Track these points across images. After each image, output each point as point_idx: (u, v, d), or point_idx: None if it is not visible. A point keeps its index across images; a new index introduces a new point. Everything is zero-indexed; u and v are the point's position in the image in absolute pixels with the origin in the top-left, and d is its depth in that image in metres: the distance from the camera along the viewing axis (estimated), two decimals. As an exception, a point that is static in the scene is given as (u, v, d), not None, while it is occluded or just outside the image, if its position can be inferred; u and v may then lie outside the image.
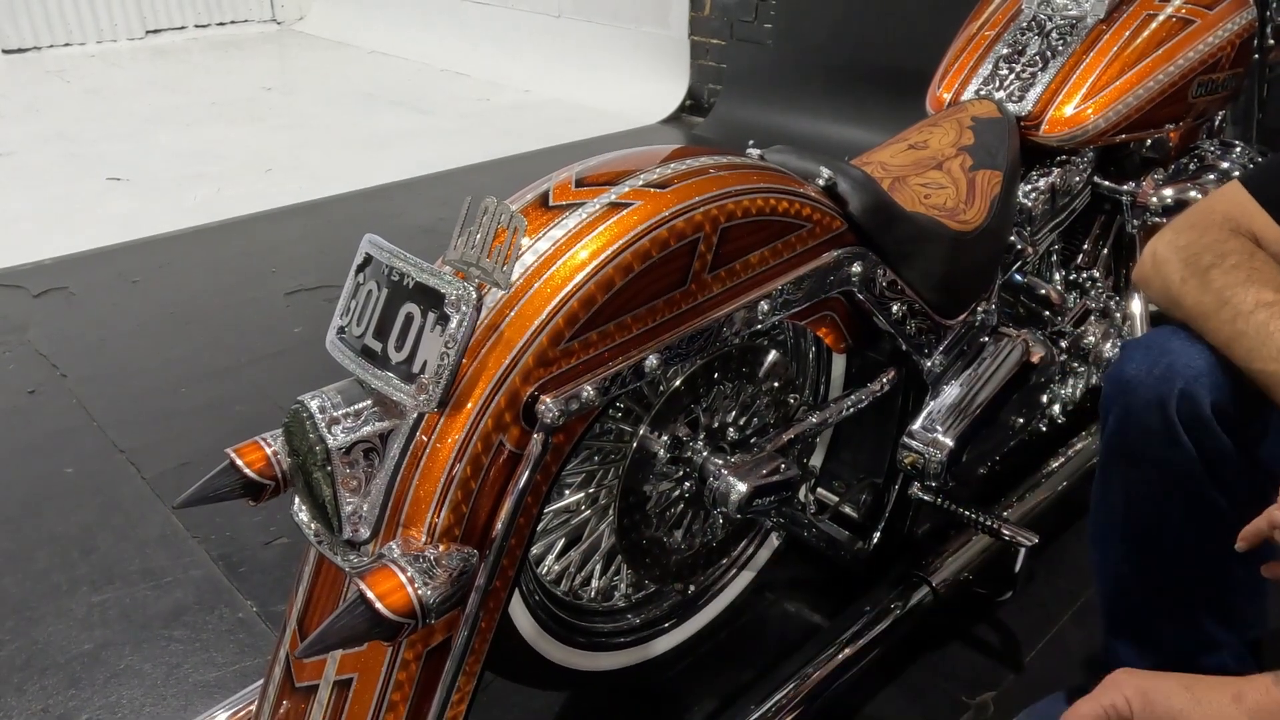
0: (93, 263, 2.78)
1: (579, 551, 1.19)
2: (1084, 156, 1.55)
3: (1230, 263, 0.97)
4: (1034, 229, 1.48)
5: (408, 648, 0.85)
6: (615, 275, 0.86)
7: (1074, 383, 1.62)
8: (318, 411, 0.81)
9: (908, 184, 1.32)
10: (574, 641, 1.16)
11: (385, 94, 4.69)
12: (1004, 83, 1.51)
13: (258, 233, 3.03)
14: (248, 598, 1.53)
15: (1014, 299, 1.55)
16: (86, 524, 1.70)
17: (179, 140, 3.92)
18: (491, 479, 0.84)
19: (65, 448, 1.92)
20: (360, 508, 0.83)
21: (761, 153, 1.14)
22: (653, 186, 0.92)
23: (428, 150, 3.77)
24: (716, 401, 1.13)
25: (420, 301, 0.80)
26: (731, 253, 0.96)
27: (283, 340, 2.35)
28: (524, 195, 0.94)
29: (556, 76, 4.74)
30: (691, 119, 4.23)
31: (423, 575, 0.77)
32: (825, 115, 3.66)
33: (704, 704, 1.31)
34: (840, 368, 1.30)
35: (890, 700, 1.32)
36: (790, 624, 1.46)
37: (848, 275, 1.10)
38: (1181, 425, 0.97)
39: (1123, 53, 1.49)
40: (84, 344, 2.34)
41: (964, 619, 1.44)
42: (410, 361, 0.80)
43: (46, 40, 5.59)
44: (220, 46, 5.80)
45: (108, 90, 4.76)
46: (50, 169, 3.57)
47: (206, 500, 0.91)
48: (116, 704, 1.34)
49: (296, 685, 0.91)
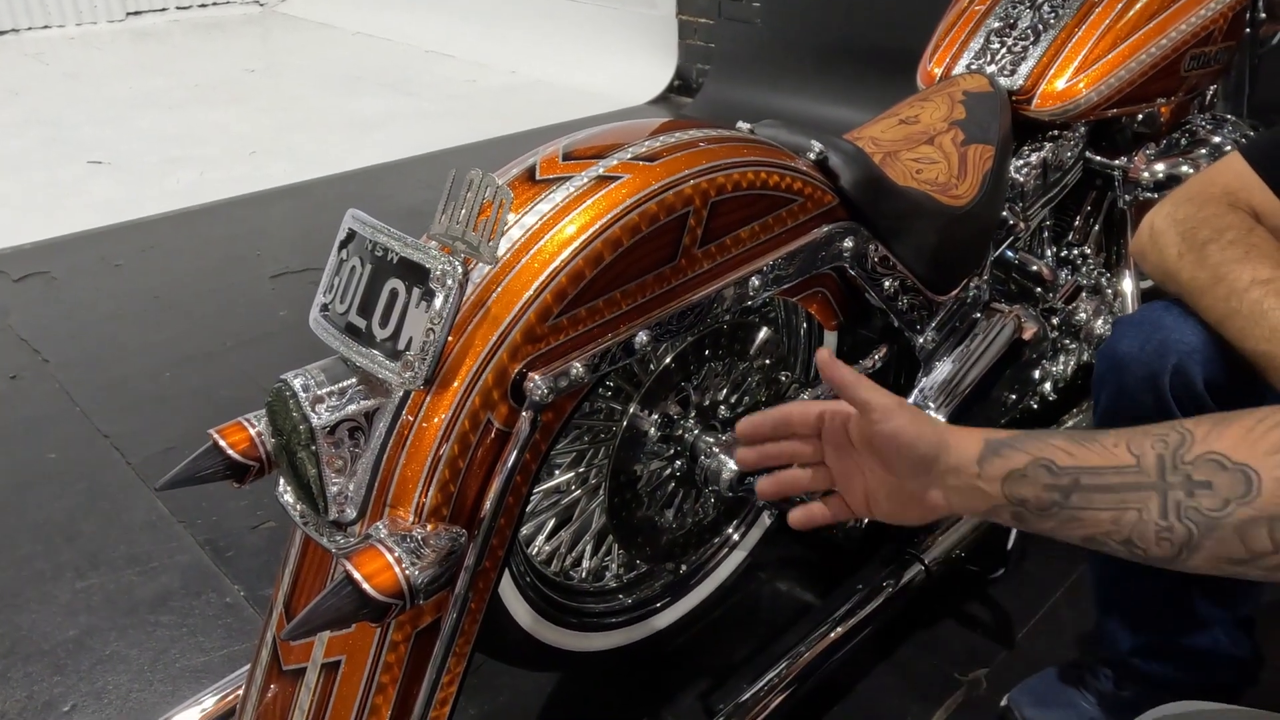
0: (74, 247, 2.75)
1: (570, 532, 1.18)
2: (1076, 131, 1.54)
3: (1228, 238, 0.95)
4: (1026, 204, 1.47)
5: (396, 629, 0.83)
6: (604, 250, 0.85)
7: (1065, 360, 1.62)
8: (301, 390, 0.79)
9: (899, 159, 1.31)
10: (565, 622, 1.15)
11: (370, 75, 4.64)
12: (995, 57, 1.50)
13: (242, 216, 2.99)
14: (235, 582, 1.51)
15: (1006, 275, 1.54)
16: (70, 510, 1.68)
17: (161, 123, 3.87)
18: (480, 458, 0.82)
19: (48, 433, 1.90)
20: (346, 488, 0.82)
21: (752, 127, 1.12)
22: (641, 160, 0.90)
23: (414, 132, 3.74)
24: (707, 379, 1.12)
25: (405, 277, 0.78)
26: (722, 227, 0.95)
27: (268, 324, 2.33)
28: (510, 169, 0.93)
29: (543, 57, 4.69)
30: (680, 99, 4.19)
31: (410, 555, 0.76)
32: (815, 95, 3.64)
33: (696, 683, 1.31)
34: (832, 344, 1.28)
35: (883, 677, 1.32)
36: (782, 603, 1.45)
37: (839, 250, 1.09)
38: (1175, 401, 0.97)
39: (1115, 26, 1.47)
40: (66, 329, 2.31)
41: (956, 597, 1.44)
42: (395, 338, 0.78)
43: (25, 23, 5.51)
44: (202, 28, 5.73)
45: (88, 73, 4.69)
46: (30, 153, 3.52)
47: (189, 482, 0.89)
48: (102, 690, 1.33)
49: (284, 668, 0.89)
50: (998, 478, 0.71)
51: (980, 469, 0.72)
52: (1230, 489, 0.64)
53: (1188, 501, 0.65)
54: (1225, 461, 0.65)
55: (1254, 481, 0.63)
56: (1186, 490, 0.65)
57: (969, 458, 0.73)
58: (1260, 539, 0.63)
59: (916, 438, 0.74)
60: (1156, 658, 1.13)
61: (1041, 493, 0.70)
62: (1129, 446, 0.68)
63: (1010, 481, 0.71)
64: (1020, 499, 0.71)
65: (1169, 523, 0.66)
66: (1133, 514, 0.67)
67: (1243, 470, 0.64)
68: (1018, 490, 0.71)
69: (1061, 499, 0.69)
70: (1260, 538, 0.63)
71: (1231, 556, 0.65)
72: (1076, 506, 0.69)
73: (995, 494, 0.72)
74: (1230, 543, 0.64)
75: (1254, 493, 0.63)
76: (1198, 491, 0.65)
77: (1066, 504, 0.69)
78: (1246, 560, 0.64)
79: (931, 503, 0.75)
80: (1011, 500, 0.71)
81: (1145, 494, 0.67)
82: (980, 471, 0.72)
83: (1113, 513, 0.67)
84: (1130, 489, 0.67)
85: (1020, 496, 0.71)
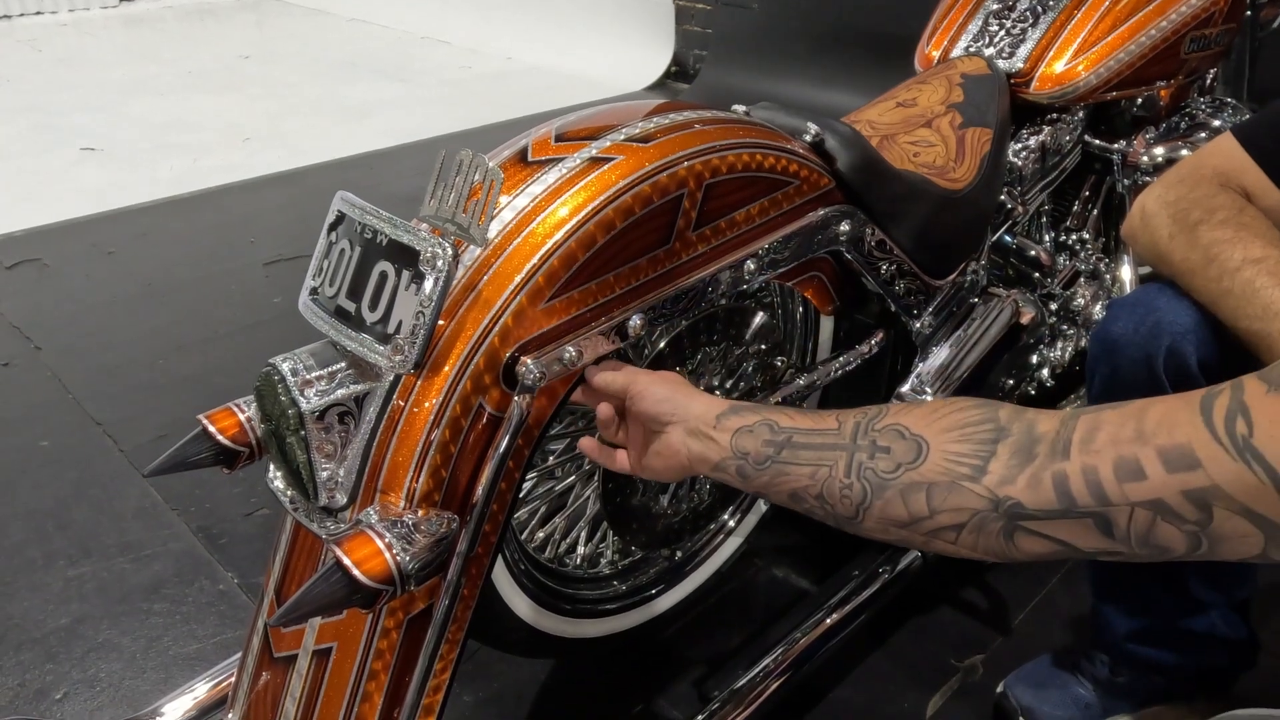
0: (66, 234, 2.73)
1: (564, 518, 1.17)
2: (1075, 114, 1.53)
3: (1218, 218, 0.95)
4: (1024, 188, 1.46)
5: (388, 616, 0.82)
6: (597, 232, 0.84)
7: (1063, 345, 1.61)
8: (290, 374, 0.78)
9: (896, 142, 1.29)
10: (560, 609, 1.15)
11: (365, 62, 4.61)
12: (994, 39, 1.48)
13: (235, 203, 2.97)
14: (228, 569, 1.50)
15: (1004, 260, 1.53)
16: (62, 497, 1.67)
17: (154, 110, 3.84)
18: (471, 443, 0.82)
19: (41, 421, 1.88)
20: (336, 473, 0.81)
21: (747, 109, 1.11)
22: (635, 141, 0.89)
23: (408, 119, 3.71)
24: (702, 364, 1.11)
25: (394, 260, 0.77)
26: (716, 210, 0.94)
27: (261, 311, 2.31)
28: (502, 151, 0.91)
29: (539, 43, 4.66)
30: (677, 85, 4.17)
31: (401, 541, 0.75)
32: (813, 80, 3.62)
33: (692, 669, 1.31)
34: (828, 329, 1.28)
35: (879, 663, 1.32)
36: (778, 589, 1.45)
37: (835, 234, 1.08)
38: (1168, 382, 0.96)
39: (1114, 8, 1.46)
40: (58, 316, 2.29)
41: (952, 583, 1.44)
42: (385, 322, 0.77)
43: (17, 9, 5.47)
44: (196, 14, 5.69)
45: (80, 60, 4.66)
46: (22, 139, 3.50)
47: (179, 468, 0.88)
48: (95, 677, 1.32)
49: (275, 655, 0.89)
50: (730, 430, 0.80)
51: (717, 422, 0.81)
52: (904, 455, 0.70)
53: (868, 463, 0.72)
54: (905, 431, 0.71)
55: (923, 450, 0.69)
56: (869, 453, 0.72)
57: (711, 413, 0.82)
58: (919, 502, 0.69)
59: (661, 393, 0.84)
60: (1152, 643, 1.13)
61: (761, 447, 0.77)
62: (838, 416, 0.76)
63: (739, 435, 0.79)
64: (744, 451, 0.78)
65: (850, 480, 0.72)
66: (824, 470, 0.74)
67: (917, 440, 0.70)
68: (743, 443, 0.79)
69: (774, 453, 0.77)
70: (919, 501, 0.69)
71: (895, 518, 0.70)
72: (785, 461, 0.76)
73: (725, 445, 0.80)
74: (895, 504, 0.70)
75: (921, 459, 0.69)
76: (878, 455, 0.71)
77: (778, 458, 0.76)
78: (908, 523, 0.70)
79: (675, 446, 0.83)
80: (736, 452, 0.79)
81: (838, 454, 0.73)
82: (716, 424, 0.81)
83: (810, 468, 0.74)
84: (828, 448, 0.74)
85: (744, 449, 0.78)
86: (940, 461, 0.68)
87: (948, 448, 0.68)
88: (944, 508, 0.68)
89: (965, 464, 0.67)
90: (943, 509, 0.68)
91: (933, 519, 0.69)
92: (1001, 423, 0.68)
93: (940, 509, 0.68)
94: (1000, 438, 0.67)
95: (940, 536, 0.69)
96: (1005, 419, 0.68)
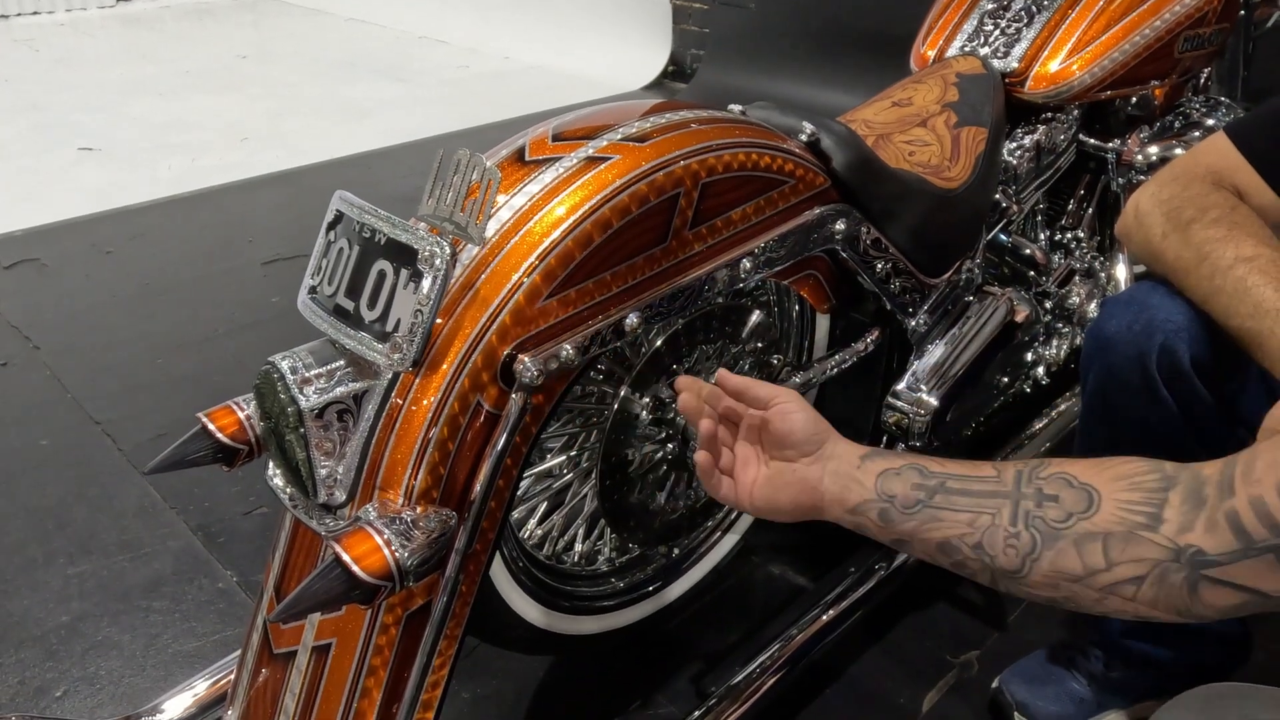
0: (65, 234, 2.73)
1: (561, 515, 1.18)
2: (1069, 113, 1.54)
3: (1211, 217, 0.96)
4: (1019, 187, 1.46)
5: (387, 612, 0.83)
6: (594, 231, 0.84)
7: (1058, 344, 1.62)
8: (289, 372, 0.79)
9: (892, 141, 1.30)
10: (557, 606, 1.15)
11: (363, 62, 4.61)
12: (989, 38, 1.49)
13: (234, 203, 2.98)
14: (227, 567, 1.51)
15: (999, 258, 1.54)
16: (62, 496, 1.67)
17: (152, 110, 3.84)
18: (469, 440, 0.82)
19: (40, 420, 1.89)
20: (335, 470, 0.82)
21: (743, 108, 1.12)
22: (631, 141, 0.90)
23: (407, 119, 3.71)
24: (699, 362, 1.12)
25: (393, 258, 0.78)
26: (713, 209, 0.94)
27: (260, 310, 2.32)
28: (499, 151, 0.92)
29: (537, 43, 4.66)
30: (674, 85, 4.17)
31: (400, 537, 0.75)
32: (810, 80, 3.62)
33: (689, 666, 1.31)
34: (824, 328, 1.28)
35: (875, 660, 1.33)
36: (775, 586, 1.46)
37: (831, 233, 1.08)
38: (1162, 380, 0.97)
39: (1109, 8, 1.46)
40: (57, 316, 2.29)
41: (948, 579, 1.44)
42: (383, 320, 0.78)
43: (14, 9, 5.46)
44: (194, 14, 5.68)
45: (78, 59, 4.65)
46: (20, 139, 3.49)
47: (178, 466, 0.89)
48: (95, 675, 1.33)
49: (275, 652, 0.89)
50: (875, 472, 0.77)
51: (861, 462, 0.78)
52: (1074, 504, 0.67)
53: (1036, 511, 0.69)
54: (1073, 480, 0.68)
55: (1095, 499, 0.67)
56: (1036, 501, 0.69)
57: (853, 452, 0.79)
58: (1094, 554, 0.66)
59: (811, 420, 0.80)
60: (1147, 638, 1.14)
61: (910, 490, 0.74)
62: (994, 466, 0.73)
63: (885, 477, 0.76)
64: (890, 494, 0.75)
65: (1017, 529, 0.69)
66: (986, 518, 0.71)
67: (1087, 489, 0.68)
68: (889, 486, 0.76)
69: (926, 497, 0.74)
70: (1095, 552, 0.66)
71: (1068, 571, 0.67)
72: (938, 506, 0.73)
73: (869, 486, 0.76)
74: (1068, 555, 0.67)
75: (1094, 509, 0.67)
76: (1046, 503, 0.69)
77: (930, 502, 0.73)
78: (1081, 577, 0.67)
79: (811, 482, 0.79)
80: (882, 495, 0.76)
81: (1000, 501, 0.70)
82: (860, 464, 0.78)
83: (970, 514, 0.71)
84: (988, 495, 0.71)
85: (890, 492, 0.75)
86: (1114, 510, 0.66)
87: (1120, 496, 0.66)
88: (1122, 559, 0.65)
89: (1140, 512, 0.65)
90: (1121, 560, 0.65)
91: (1110, 571, 0.65)
92: (1168, 472, 0.66)
93: (1118, 560, 0.65)
94: (1169, 486, 0.65)
95: (1117, 592, 0.66)
96: (1171, 469, 0.66)
